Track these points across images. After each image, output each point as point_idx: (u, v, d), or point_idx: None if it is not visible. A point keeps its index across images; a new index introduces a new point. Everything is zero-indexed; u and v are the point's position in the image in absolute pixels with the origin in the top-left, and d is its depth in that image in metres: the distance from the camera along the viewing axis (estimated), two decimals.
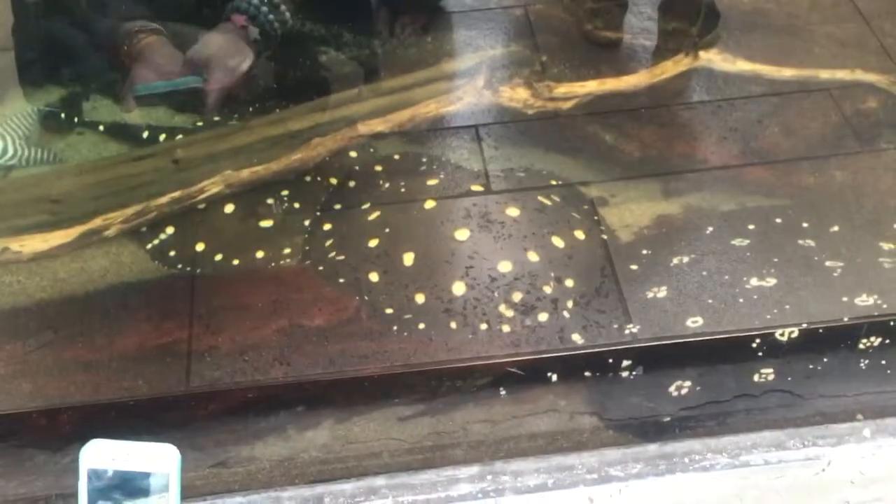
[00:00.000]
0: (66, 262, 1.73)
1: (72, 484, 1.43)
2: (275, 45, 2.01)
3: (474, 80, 2.01)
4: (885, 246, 1.70)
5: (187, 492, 1.44)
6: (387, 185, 1.87)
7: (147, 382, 1.52)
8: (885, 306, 1.58)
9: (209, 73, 1.91)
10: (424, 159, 1.92)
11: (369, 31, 2.16)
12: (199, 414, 1.52)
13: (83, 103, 2.08)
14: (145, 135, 1.99)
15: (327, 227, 1.79)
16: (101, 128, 2.02)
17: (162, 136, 1.98)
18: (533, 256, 1.70)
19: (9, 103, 2.08)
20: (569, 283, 1.67)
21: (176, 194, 1.80)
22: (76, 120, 2.03)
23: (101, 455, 1.28)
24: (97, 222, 1.76)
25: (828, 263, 1.67)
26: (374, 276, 1.69)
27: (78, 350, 1.57)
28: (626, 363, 1.56)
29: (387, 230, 1.76)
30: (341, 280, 1.69)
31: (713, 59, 2.08)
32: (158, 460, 1.29)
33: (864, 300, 1.60)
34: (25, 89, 2.08)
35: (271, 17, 1.95)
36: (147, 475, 1.28)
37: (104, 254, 1.76)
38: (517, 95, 1.98)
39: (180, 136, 1.98)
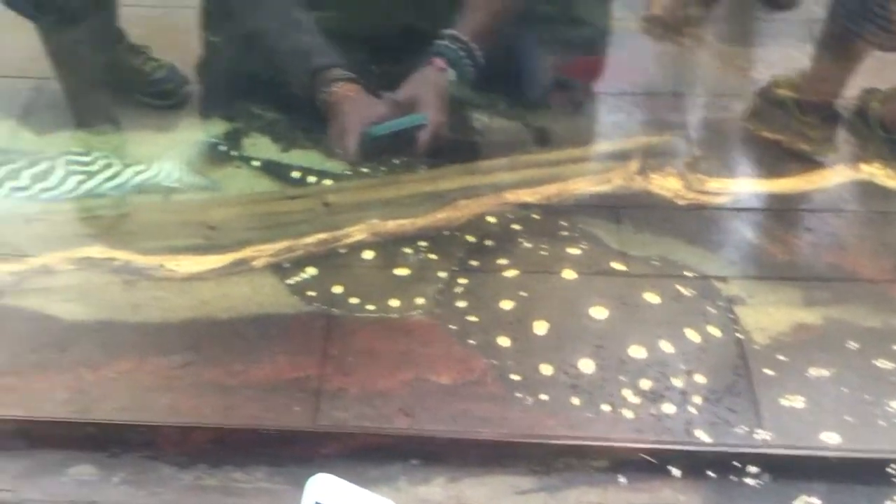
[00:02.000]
0: (212, 286, 1.81)
1: (200, 500, 1.51)
2: (466, 90, 2.08)
3: (627, 163, 2.03)
4: None
5: None
6: (526, 251, 1.89)
7: (276, 414, 1.57)
8: None
9: (427, 112, 1.96)
10: (565, 233, 1.93)
11: (524, 102, 2.21)
12: (320, 452, 1.55)
13: (244, 139, 2.19)
14: (296, 175, 2.09)
15: (462, 284, 1.82)
16: (257, 164, 2.12)
17: (312, 179, 2.08)
18: (665, 345, 1.69)
19: (182, 131, 2.22)
20: (699, 378, 1.64)
21: (323, 236, 1.87)
22: (235, 154, 2.15)
23: (328, 491, 1.32)
24: (247, 252, 1.84)
25: None
26: (503, 341, 1.70)
27: (215, 373, 1.63)
28: (752, 469, 1.52)
29: (521, 296, 1.78)
30: (471, 340, 1.71)
31: (875, 172, 2.04)
32: None
33: None
34: (197, 120, 2.23)
35: (468, 63, 2.01)
36: None
37: (248, 282, 1.83)
38: (668, 185, 1.99)
39: (330, 181, 2.07)
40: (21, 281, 1.79)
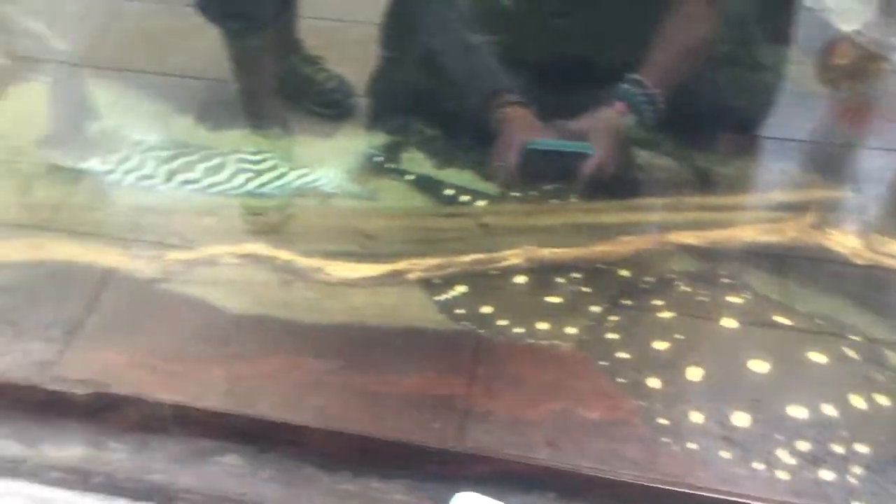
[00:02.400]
0: (364, 294, 1.82)
1: None
2: (641, 138, 2.08)
3: (802, 215, 1.94)
4: None
5: None
6: (684, 294, 1.84)
7: (421, 428, 1.56)
8: None
9: (596, 146, 1.99)
10: (728, 279, 1.88)
11: (691, 142, 2.16)
12: (461, 473, 1.53)
13: (402, 153, 2.23)
14: (449, 193, 2.11)
15: (615, 320, 1.78)
16: (411, 177, 2.15)
17: (465, 198, 2.09)
18: (828, 409, 1.60)
19: (344, 140, 2.28)
20: (862, 447, 1.55)
21: (478, 256, 1.86)
22: (391, 166, 2.19)
23: None
24: (402, 265, 1.85)
25: None
26: (654, 383, 1.65)
27: (365, 380, 1.64)
28: None
29: (676, 338, 1.72)
30: (620, 378, 1.66)
31: None
32: None
33: None
34: (359, 131, 2.28)
35: (649, 110, 2.00)
36: None
37: (398, 294, 1.84)
38: (846, 242, 1.88)
39: (484, 202, 2.07)
40: (188, 270, 1.85)
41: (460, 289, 1.86)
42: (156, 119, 2.31)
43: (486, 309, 1.82)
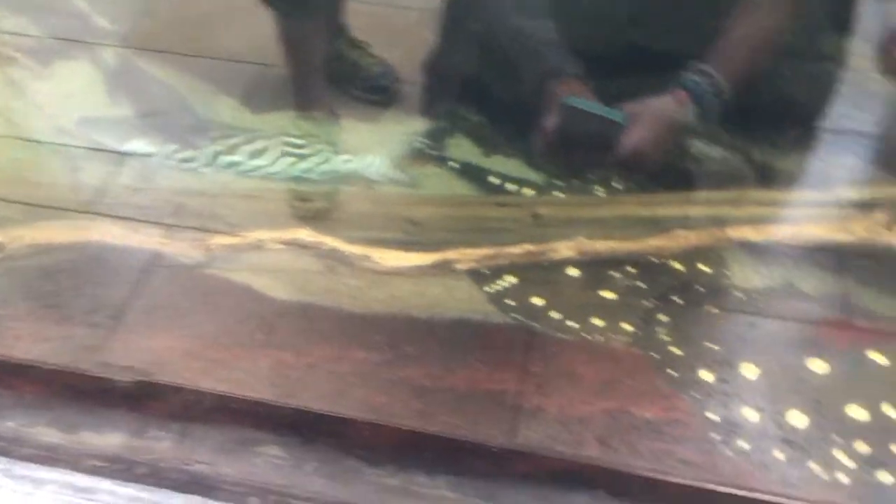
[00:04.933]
0: (410, 283, 1.78)
1: (381, 499, 1.49)
2: (701, 129, 2.00)
3: (872, 213, 1.86)
4: None
5: None
6: (741, 291, 1.78)
7: (469, 423, 1.52)
8: None
9: (636, 122, 1.91)
10: (787, 278, 1.81)
11: (749, 134, 2.07)
12: (507, 470, 1.49)
13: (447, 139, 2.18)
14: (494, 181, 2.05)
15: (669, 317, 1.73)
16: (455, 165, 2.10)
17: (511, 186, 2.03)
18: (890, 410, 1.55)
19: (389, 126, 2.23)
20: None
21: (529, 247, 1.81)
22: (435, 153, 2.13)
23: None
24: (450, 254, 1.81)
25: None
26: (708, 380, 1.61)
27: (411, 372, 1.60)
28: None
29: (732, 336, 1.67)
30: (675, 375, 1.61)
31: None
32: None
33: None
34: (404, 117, 2.24)
35: (714, 101, 1.93)
36: None
37: (443, 284, 1.79)
38: None
39: (531, 191, 2.02)
40: (233, 255, 1.82)
41: (510, 280, 1.81)
42: (200, 101, 2.27)
43: (538, 301, 1.77)
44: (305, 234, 1.83)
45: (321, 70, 2.23)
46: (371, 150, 2.11)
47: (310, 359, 1.62)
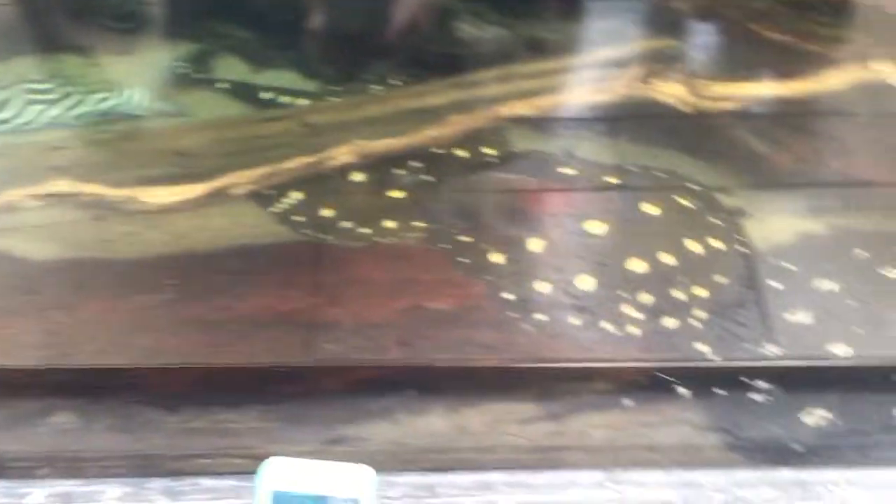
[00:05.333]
0: (188, 218, 1.70)
1: (186, 445, 1.44)
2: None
3: (627, 70, 1.92)
4: None
5: None
6: (522, 168, 1.80)
7: (265, 350, 1.48)
8: None
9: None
10: (563, 147, 1.84)
11: (515, 10, 2.07)
12: (314, 388, 1.48)
13: (212, 61, 2.06)
14: (267, 96, 1.97)
15: (457, 206, 1.73)
16: (225, 86, 2.00)
17: (285, 99, 1.95)
18: (667, 259, 1.62)
19: (146, 55, 2.07)
20: (703, 291, 1.58)
21: (306, 159, 1.76)
22: (201, 76, 2.02)
23: (286, 476, 1.19)
24: (224, 181, 1.73)
25: None
26: (500, 260, 1.63)
27: (198, 309, 1.54)
28: (762, 383, 1.47)
29: (517, 215, 1.70)
30: (467, 261, 1.63)
31: (882, 70, 1.94)
32: (350, 483, 1.18)
33: None
34: (158, 41, 2.09)
35: None
36: (337, 500, 1.18)
37: (226, 213, 1.72)
38: (672, 91, 1.88)
39: (307, 101, 1.95)
40: None
41: (296, 196, 1.75)
42: None
43: (327, 213, 1.73)
44: (62, 186, 1.70)
45: (55, 2, 2.04)
46: (130, 83, 1.97)
47: (84, 315, 1.52)
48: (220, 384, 1.46)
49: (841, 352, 1.48)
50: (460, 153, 1.83)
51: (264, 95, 1.97)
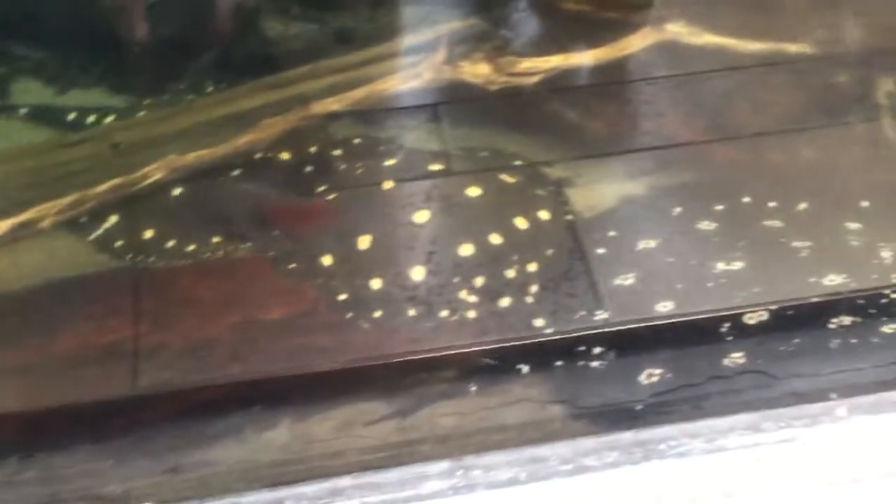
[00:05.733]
0: None
1: (15, 499, 1.35)
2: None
3: (433, 55, 1.91)
4: (853, 225, 1.66)
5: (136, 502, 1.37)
6: (342, 166, 1.77)
7: (90, 386, 1.41)
8: (853, 285, 1.55)
9: None
10: (381, 139, 1.83)
11: (321, 2, 2.03)
12: (147, 417, 1.42)
13: (9, 86, 1.95)
14: (73, 117, 1.87)
15: (281, 211, 1.69)
16: (25, 111, 1.90)
17: (91, 119, 1.86)
18: (496, 239, 1.63)
19: None
20: (533, 266, 1.60)
21: (117, 181, 1.68)
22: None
23: None
24: (29, 214, 1.63)
25: (795, 244, 1.62)
26: (328, 262, 1.60)
27: (11, 354, 1.45)
28: (597, 349, 1.50)
29: (342, 214, 1.67)
30: (295, 267, 1.59)
31: (680, 32, 2.01)
32: None
33: (832, 279, 1.56)
34: None
35: None
36: None
37: (39, 247, 1.63)
38: (478, 71, 1.89)
39: (116, 119, 1.86)
40: None
41: (113, 220, 1.67)
42: None
43: (149, 234, 1.66)
44: None
45: None
46: None
47: None
48: (43, 429, 1.39)
49: (667, 309, 1.54)
50: (281, 156, 1.79)
51: (70, 117, 1.87)
